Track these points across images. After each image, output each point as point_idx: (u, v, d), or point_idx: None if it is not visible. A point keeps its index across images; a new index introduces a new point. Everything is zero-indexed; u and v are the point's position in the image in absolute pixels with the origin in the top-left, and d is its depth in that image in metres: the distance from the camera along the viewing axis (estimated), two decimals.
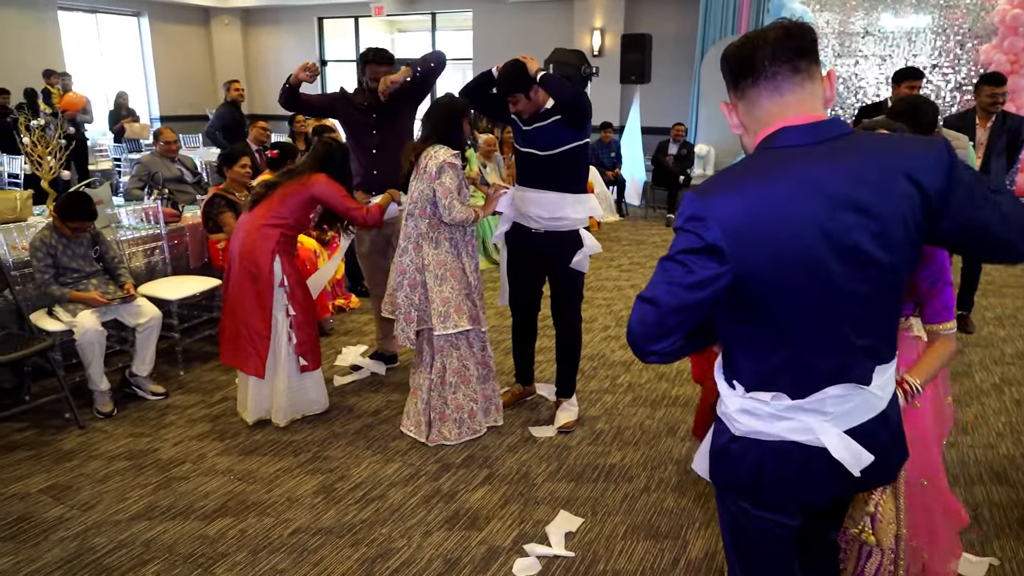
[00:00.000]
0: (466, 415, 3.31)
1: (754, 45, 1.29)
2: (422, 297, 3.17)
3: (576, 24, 11.12)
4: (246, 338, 3.28)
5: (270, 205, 3.31)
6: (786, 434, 1.37)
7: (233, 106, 7.44)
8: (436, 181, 3.06)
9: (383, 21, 14.10)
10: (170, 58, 13.20)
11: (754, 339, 1.37)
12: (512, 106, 3.18)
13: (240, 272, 3.28)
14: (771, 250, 1.25)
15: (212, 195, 4.44)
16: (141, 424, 3.48)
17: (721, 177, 1.32)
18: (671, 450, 3.32)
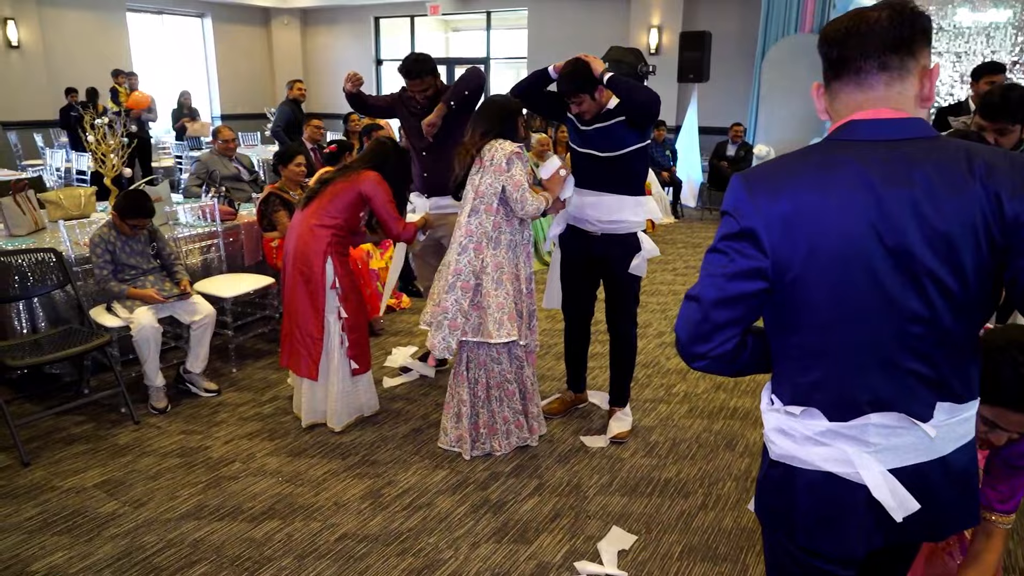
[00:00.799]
0: (513, 426, 3.23)
1: (847, 31, 1.18)
2: (477, 304, 3.05)
3: (633, 22, 10.94)
4: (299, 340, 3.26)
5: (321, 203, 3.27)
6: (822, 463, 1.24)
7: (295, 104, 7.55)
8: (506, 174, 2.96)
9: (438, 20, 14.14)
10: (231, 58, 13.50)
11: (794, 346, 1.25)
12: (575, 107, 3.07)
13: (293, 273, 3.26)
14: (813, 243, 1.14)
15: (267, 193, 4.47)
16: (193, 421, 3.50)
17: (772, 163, 1.23)
18: (730, 465, 3.18)
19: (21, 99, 10.29)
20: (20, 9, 10.13)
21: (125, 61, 11.40)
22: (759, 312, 1.25)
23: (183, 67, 13.09)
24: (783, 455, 1.29)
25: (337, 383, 3.32)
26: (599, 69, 2.96)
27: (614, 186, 3.14)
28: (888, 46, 1.15)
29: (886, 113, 1.16)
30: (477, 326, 3.05)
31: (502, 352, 3.12)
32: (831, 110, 1.24)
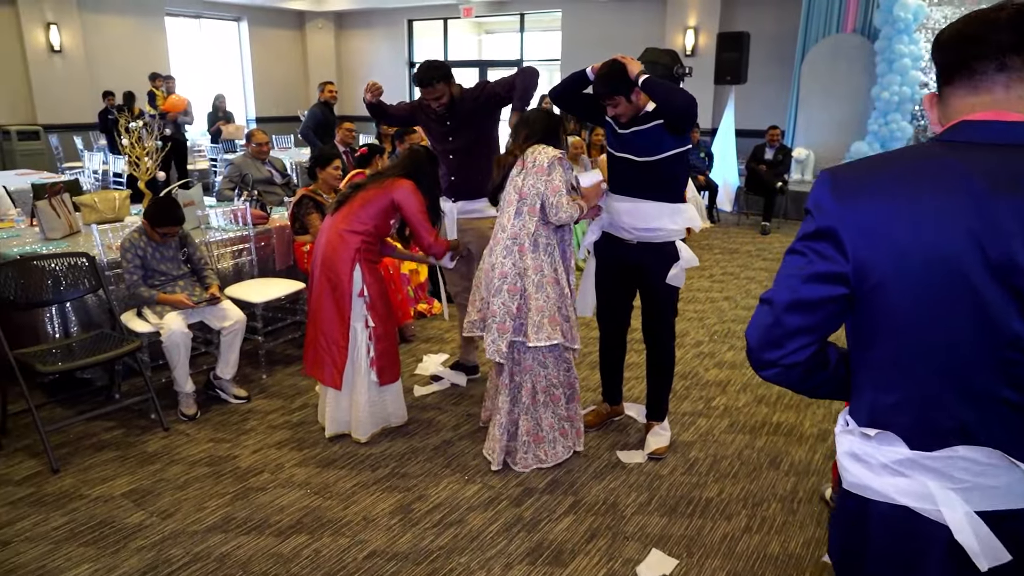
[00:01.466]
0: (558, 433, 3.13)
1: (961, 33, 1.08)
2: (521, 306, 2.97)
3: (668, 22, 10.77)
4: (324, 347, 3.19)
5: (351, 209, 3.20)
6: (898, 496, 1.12)
7: (326, 107, 7.53)
8: (547, 177, 2.92)
9: (471, 23, 14.11)
10: (266, 61, 13.62)
11: (873, 361, 1.13)
12: (611, 109, 2.96)
13: (320, 278, 3.19)
14: (899, 249, 1.04)
15: (300, 196, 4.42)
16: (222, 429, 3.46)
17: (865, 159, 1.13)
18: (774, 485, 3.03)
19: (63, 102, 10.48)
20: (62, 14, 10.33)
21: (164, 65, 11.56)
22: (838, 322, 1.14)
23: (219, 70, 13.25)
24: (856, 484, 1.18)
25: (363, 393, 3.25)
26: (635, 71, 2.85)
27: (651, 192, 3.02)
28: (1008, 47, 1.04)
29: (1005, 115, 1.05)
30: (520, 327, 2.98)
31: (548, 356, 3.03)
32: (943, 118, 1.14)
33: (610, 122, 3.09)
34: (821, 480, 3.05)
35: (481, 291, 3.10)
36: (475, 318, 3.12)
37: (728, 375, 4.17)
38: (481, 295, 3.09)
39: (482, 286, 3.09)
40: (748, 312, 5.30)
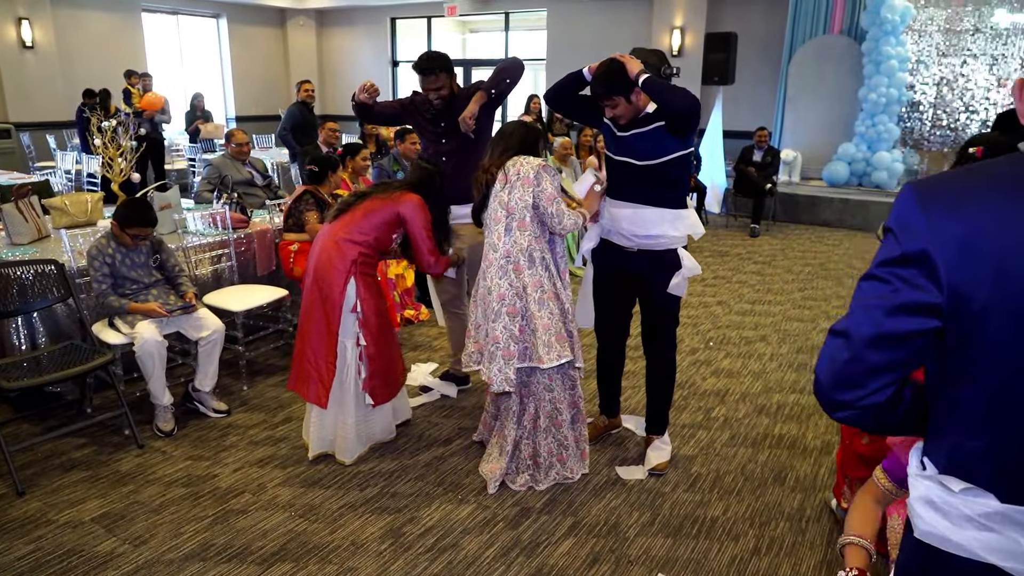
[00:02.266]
0: (556, 459, 2.97)
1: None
2: (524, 327, 2.78)
3: (655, 23, 10.68)
4: (311, 362, 3.02)
5: (353, 218, 3.02)
6: (984, 552, 1.00)
7: (303, 106, 7.32)
8: (537, 188, 2.77)
9: (455, 21, 13.93)
10: (246, 59, 13.36)
11: (963, 401, 1.00)
12: (609, 110, 2.83)
13: (312, 288, 3.02)
14: (1001, 270, 0.91)
15: (303, 191, 4.19)
16: (201, 445, 3.28)
17: (954, 171, 1.00)
18: (780, 502, 2.91)
19: (35, 100, 10.17)
20: (34, 9, 10.02)
21: (140, 62, 11.28)
22: (925, 357, 1.01)
23: (198, 68, 12.96)
24: (931, 534, 1.05)
25: (350, 414, 3.07)
26: (635, 70, 2.71)
27: (652, 197, 2.89)
28: None
29: None
30: (525, 351, 2.80)
31: (555, 377, 2.88)
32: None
33: (609, 124, 2.96)
34: (828, 496, 2.94)
35: (477, 318, 2.91)
36: (472, 349, 2.92)
37: (726, 384, 4.06)
38: (477, 323, 2.91)
39: (478, 312, 2.91)
40: (742, 317, 5.21)
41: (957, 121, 9.09)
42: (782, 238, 8.08)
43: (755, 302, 5.59)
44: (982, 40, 8.84)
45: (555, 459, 2.97)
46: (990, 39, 8.79)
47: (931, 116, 9.27)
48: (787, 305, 5.52)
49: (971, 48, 8.92)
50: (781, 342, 4.73)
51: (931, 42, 9.11)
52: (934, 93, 9.22)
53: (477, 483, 2.99)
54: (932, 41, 9.10)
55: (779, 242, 7.85)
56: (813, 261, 6.95)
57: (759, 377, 4.16)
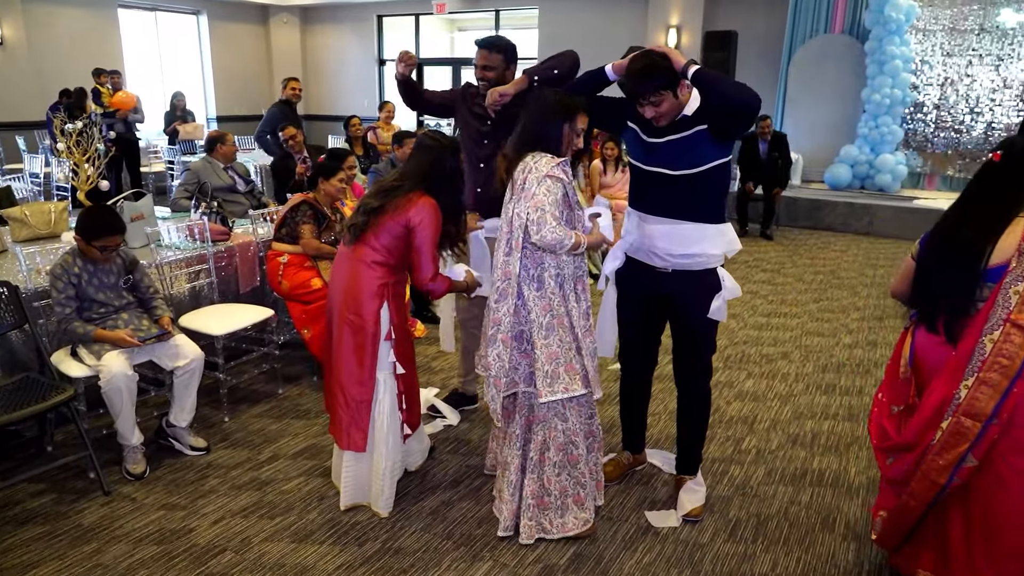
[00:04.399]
0: (571, 501, 2.61)
1: None
2: (517, 356, 2.51)
3: (650, 21, 10.39)
4: (343, 405, 2.66)
5: (374, 235, 2.61)
6: None
7: (287, 105, 6.82)
8: (531, 191, 2.38)
9: (443, 19, 13.58)
10: (228, 57, 12.91)
11: None
12: (651, 109, 2.43)
13: (340, 321, 2.66)
14: None
15: (300, 201, 3.82)
16: (176, 490, 2.90)
17: None
18: (833, 553, 2.59)
19: (5, 99, 9.69)
20: (3, 5, 9.55)
21: (116, 60, 10.82)
22: None
23: (177, 66, 12.50)
24: None
25: (387, 457, 2.71)
26: (681, 61, 2.38)
27: (691, 212, 2.55)
28: None
29: None
30: (529, 375, 2.50)
31: (568, 405, 2.53)
32: None
33: (635, 130, 2.61)
34: None
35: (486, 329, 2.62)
36: (480, 361, 2.68)
37: (752, 409, 3.74)
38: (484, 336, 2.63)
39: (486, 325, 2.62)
40: (759, 332, 4.90)
41: (961, 123, 8.87)
42: (787, 244, 7.79)
43: (770, 315, 5.29)
44: (987, 40, 8.62)
45: (571, 500, 2.60)
46: (996, 39, 8.57)
47: (935, 118, 9.04)
48: (804, 318, 5.22)
49: (976, 48, 8.70)
50: (804, 360, 4.42)
51: (935, 41, 8.88)
52: (938, 94, 8.99)
53: (491, 534, 2.63)
54: (936, 40, 8.88)
55: (785, 248, 7.57)
56: (823, 269, 6.67)
57: (787, 401, 3.84)
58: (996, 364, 1.97)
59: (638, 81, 2.41)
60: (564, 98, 2.48)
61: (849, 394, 3.94)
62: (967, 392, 1.99)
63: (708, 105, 2.41)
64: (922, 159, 9.23)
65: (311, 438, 3.35)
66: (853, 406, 3.79)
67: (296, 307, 3.81)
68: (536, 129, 2.47)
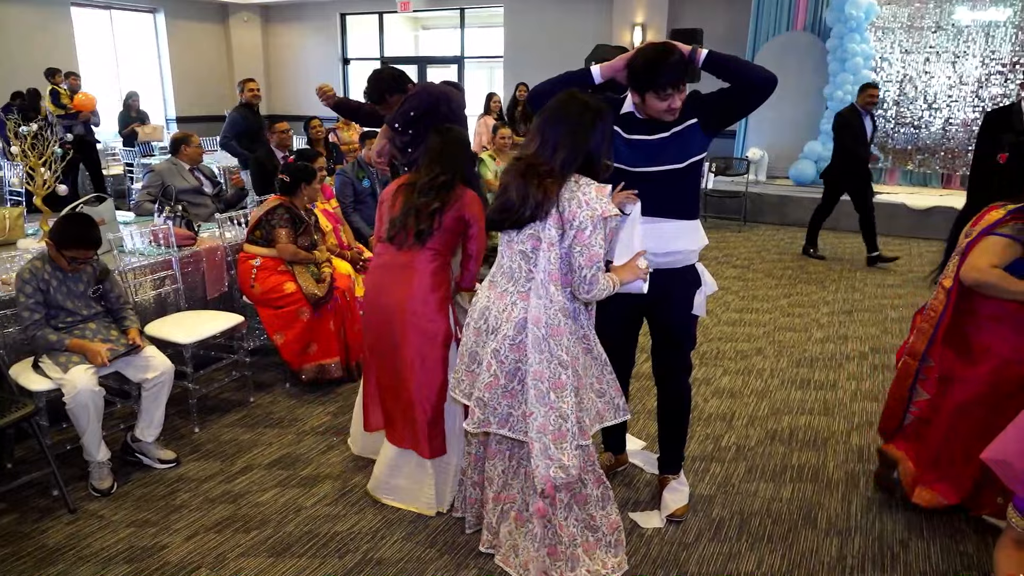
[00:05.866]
0: (580, 549, 2.32)
1: None
2: (500, 394, 2.22)
3: (615, 19, 10.42)
4: (423, 414, 2.63)
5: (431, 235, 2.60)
6: None
7: (247, 109, 6.68)
8: (586, 241, 2.08)
9: (408, 17, 13.48)
10: (187, 56, 12.61)
11: None
12: (677, 99, 2.35)
13: (406, 330, 2.60)
14: None
15: (277, 204, 3.74)
16: (146, 506, 2.80)
17: None
18: (817, 549, 2.60)
19: None
20: None
21: (70, 59, 10.48)
22: None
23: (134, 66, 12.17)
24: None
25: (455, 454, 2.75)
26: (686, 49, 2.35)
27: (672, 209, 2.53)
28: None
29: None
30: (507, 416, 2.23)
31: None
32: None
33: (616, 131, 2.55)
34: (868, 540, 2.64)
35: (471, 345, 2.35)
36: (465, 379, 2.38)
37: (730, 405, 3.75)
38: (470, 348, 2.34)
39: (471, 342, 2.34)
40: (733, 328, 4.93)
41: (920, 119, 9.06)
42: (755, 240, 7.87)
43: (742, 311, 5.33)
44: (944, 37, 8.82)
45: (579, 548, 2.33)
46: (951, 36, 8.76)
47: (895, 114, 9.22)
48: (776, 313, 5.27)
49: (933, 45, 8.89)
50: (778, 355, 4.45)
51: (894, 39, 9.06)
52: (897, 90, 9.17)
53: (475, 542, 2.58)
54: (895, 38, 9.05)
55: (753, 244, 7.64)
56: (792, 264, 6.75)
57: (763, 397, 3.86)
58: (928, 315, 2.72)
59: (674, 70, 2.29)
60: (595, 105, 2.19)
61: (823, 388, 3.97)
62: (912, 338, 2.80)
63: (734, 86, 2.39)
64: (883, 154, 9.40)
65: (285, 447, 3.26)
66: (828, 400, 3.82)
67: (267, 312, 3.72)
68: (587, 151, 2.15)
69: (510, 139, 6.03)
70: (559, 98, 2.21)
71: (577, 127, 2.13)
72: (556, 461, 2.13)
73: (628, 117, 2.52)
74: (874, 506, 2.87)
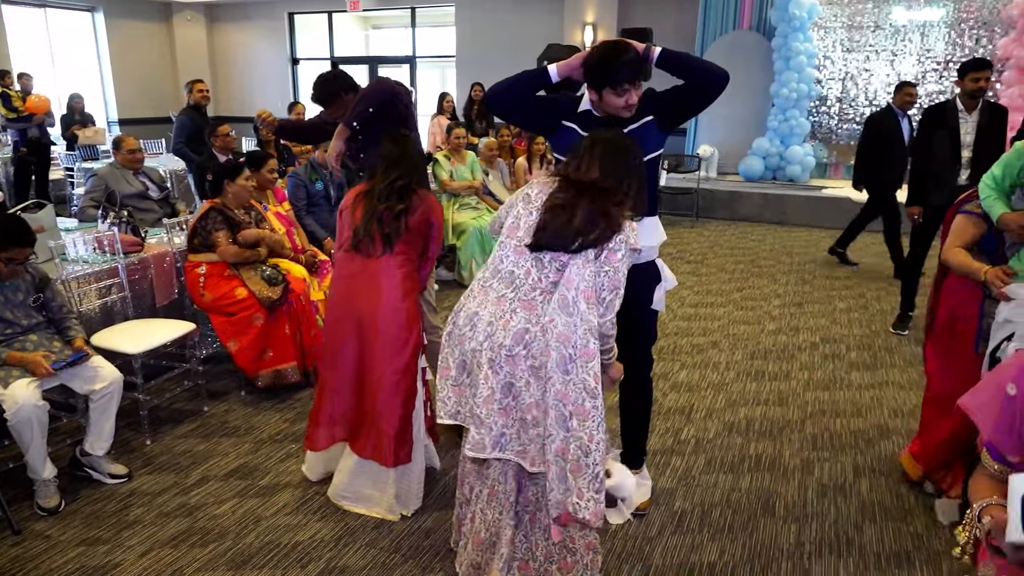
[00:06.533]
0: (555, 568, 2.22)
1: None
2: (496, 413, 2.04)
3: (566, 19, 10.48)
4: (391, 424, 2.60)
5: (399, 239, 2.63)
6: None
7: (196, 111, 6.50)
8: (616, 263, 2.04)
9: (357, 17, 13.33)
10: (128, 57, 12.23)
11: None
12: (633, 96, 2.36)
13: (375, 338, 2.58)
14: None
15: (208, 208, 3.66)
16: (96, 523, 2.70)
17: None
18: (776, 537, 2.65)
19: None
20: None
21: (3, 60, 10.06)
22: None
23: (72, 67, 11.75)
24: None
25: (422, 461, 2.80)
26: (641, 46, 2.37)
27: None
28: None
29: None
30: (499, 437, 2.04)
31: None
32: None
33: (573, 128, 2.55)
34: (824, 525, 2.71)
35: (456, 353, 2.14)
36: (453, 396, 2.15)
37: (688, 399, 3.81)
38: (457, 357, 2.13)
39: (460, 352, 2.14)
40: (688, 323, 5.00)
41: (862, 115, 9.33)
42: (708, 235, 8.01)
43: (697, 305, 5.41)
44: (882, 36, 9.11)
45: (555, 567, 2.22)
46: (889, 35, 9.06)
47: (838, 110, 9.49)
48: (730, 307, 5.37)
49: (872, 44, 9.18)
50: (733, 348, 4.54)
51: (836, 38, 9.32)
52: (840, 88, 9.44)
53: (440, 545, 2.57)
54: (837, 37, 9.31)
55: (706, 240, 7.78)
56: (744, 258, 6.89)
57: (720, 390, 3.93)
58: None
59: (629, 66, 2.31)
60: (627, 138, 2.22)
61: (777, 379, 4.06)
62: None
63: (687, 83, 2.41)
64: (827, 150, 9.67)
65: (242, 457, 3.19)
66: (782, 391, 3.91)
67: (220, 319, 3.63)
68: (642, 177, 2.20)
69: (465, 139, 6.01)
70: (615, 134, 2.24)
71: (640, 165, 2.21)
72: (573, 491, 1.97)
73: (585, 115, 2.53)
74: (828, 492, 2.95)
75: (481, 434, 2.03)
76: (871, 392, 3.90)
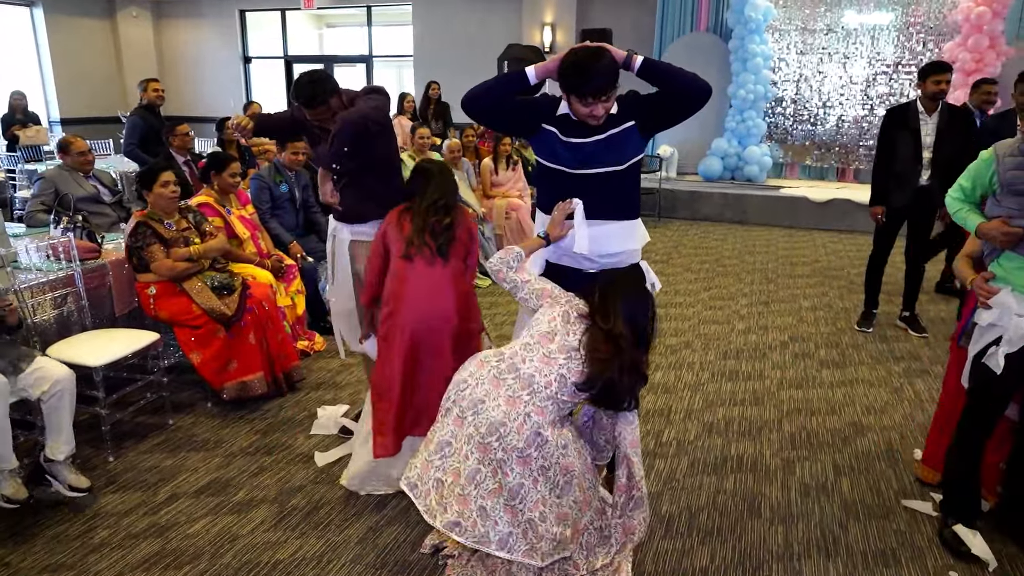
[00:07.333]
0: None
1: None
2: (500, 509, 2.06)
3: (525, 19, 10.45)
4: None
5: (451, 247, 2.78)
6: None
7: (149, 111, 6.25)
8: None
9: (311, 15, 13.07)
10: (70, 54, 11.74)
11: None
12: (600, 107, 2.33)
13: (458, 336, 2.74)
14: None
15: (135, 223, 3.49)
16: (59, 548, 2.54)
17: None
18: (764, 539, 2.65)
19: None
20: None
21: None
22: None
23: (9, 64, 11.23)
24: None
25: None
26: (622, 54, 2.33)
27: (614, 210, 2.52)
28: None
29: None
30: (507, 535, 2.04)
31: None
32: None
33: (552, 132, 2.48)
34: (811, 525, 2.72)
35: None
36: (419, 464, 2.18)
37: (666, 401, 3.80)
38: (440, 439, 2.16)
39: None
40: (660, 324, 5.01)
41: (816, 116, 9.55)
42: (671, 235, 8.07)
43: (667, 305, 5.43)
44: (835, 39, 9.32)
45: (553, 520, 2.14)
46: (841, 38, 9.28)
47: (793, 111, 9.68)
48: (699, 307, 5.40)
49: (825, 47, 9.39)
50: (706, 348, 4.56)
51: (790, 40, 9.50)
52: (794, 90, 9.63)
53: (428, 559, 2.49)
54: (791, 40, 9.49)
55: (669, 239, 7.84)
56: (708, 258, 6.95)
57: (697, 390, 3.94)
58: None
59: (603, 77, 2.27)
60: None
61: (751, 379, 4.09)
62: None
63: (668, 93, 2.37)
64: (783, 150, 9.86)
65: (213, 471, 3.05)
66: (757, 390, 3.94)
67: (184, 332, 3.49)
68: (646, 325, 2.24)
69: (429, 139, 5.92)
70: (637, 282, 2.36)
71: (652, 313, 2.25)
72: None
73: (564, 119, 2.47)
74: (811, 491, 2.97)
75: (486, 527, 2.03)
76: (843, 390, 3.96)
